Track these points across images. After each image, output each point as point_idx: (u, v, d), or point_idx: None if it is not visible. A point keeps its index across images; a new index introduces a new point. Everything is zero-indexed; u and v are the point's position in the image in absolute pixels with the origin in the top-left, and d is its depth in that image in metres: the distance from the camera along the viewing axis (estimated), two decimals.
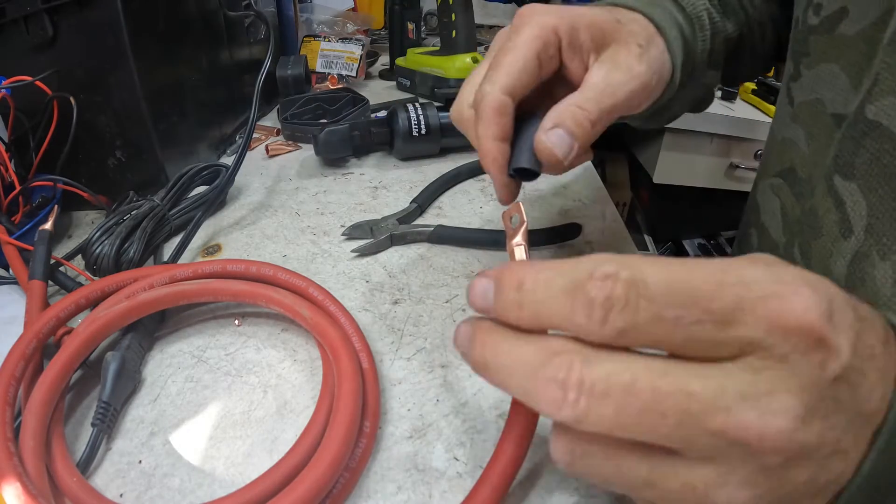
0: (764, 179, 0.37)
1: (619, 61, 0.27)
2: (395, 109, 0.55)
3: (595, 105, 0.26)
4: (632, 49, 0.27)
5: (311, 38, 0.82)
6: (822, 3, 0.29)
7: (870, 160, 0.25)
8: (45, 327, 0.29)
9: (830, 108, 0.29)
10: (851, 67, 0.27)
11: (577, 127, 0.25)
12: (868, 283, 0.25)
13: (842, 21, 0.28)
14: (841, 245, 0.27)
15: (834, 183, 0.27)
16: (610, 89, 0.26)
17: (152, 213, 0.40)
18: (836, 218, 0.27)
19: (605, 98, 0.26)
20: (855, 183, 0.26)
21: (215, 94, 0.58)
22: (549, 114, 0.26)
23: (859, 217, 0.26)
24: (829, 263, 0.28)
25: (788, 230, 0.33)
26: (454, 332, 0.19)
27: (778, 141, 0.35)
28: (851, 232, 0.26)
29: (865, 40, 0.26)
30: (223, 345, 0.33)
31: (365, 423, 0.26)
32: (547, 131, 0.25)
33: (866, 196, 0.25)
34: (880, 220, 0.25)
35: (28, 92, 0.39)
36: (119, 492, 0.25)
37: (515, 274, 0.17)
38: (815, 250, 0.29)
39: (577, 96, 0.26)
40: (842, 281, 0.27)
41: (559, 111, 0.26)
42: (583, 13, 0.28)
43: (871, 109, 0.25)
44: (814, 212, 0.29)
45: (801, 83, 0.32)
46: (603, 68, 0.27)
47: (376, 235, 0.42)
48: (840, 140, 0.27)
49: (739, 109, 1.14)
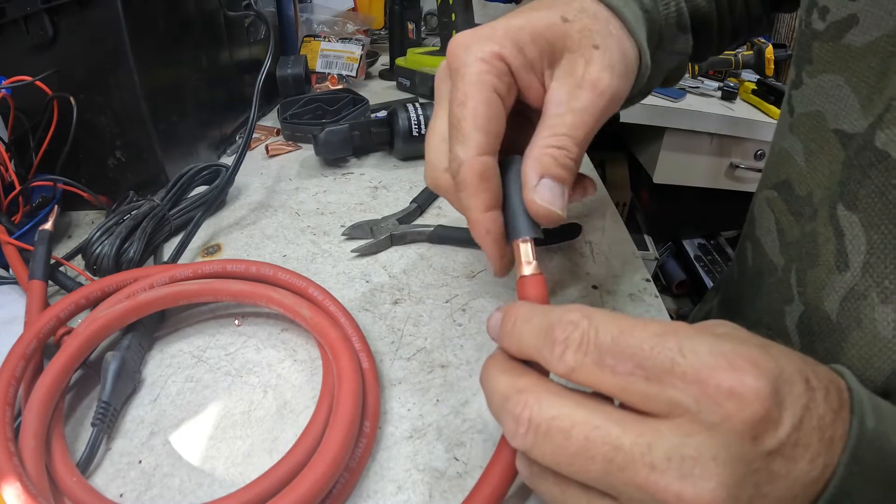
0: (761, 191, 0.36)
1: (578, 77, 0.24)
2: (395, 109, 0.55)
3: (571, 141, 0.23)
4: (588, 55, 0.24)
5: (311, 38, 0.82)
6: (828, 7, 0.27)
7: (874, 193, 0.23)
8: (45, 327, 0.29)
9: (833, 123, 0.27)
10: (859, 83, 0.25)
11: (563, 170, 0.23)
12: (866, 324, 0.24)
13: (850, 29, 0.25)
14: (835, 278, 0.26)
15: (837, 211, 0.26)
16: (580, 118, 0.23)
17: (152, 213, 0.40)
18: (833, 248, 0.26)
19: (578, 129, 0.23)
20: (857, 215, 0.24)
21: (215, 94, 0.58)
22: (528, 163, 0.23)
23: (857, 252, 0.24)
24: (822, 295, 0.27)
25: (787, 252, 0.31)
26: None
27: (776, 150, 0.33)
28: (847, 267, 0.25)
29: (877, 54, 0.24)
30: (223, 345, 0.33)
31: (365, 423, 0.26)
32: (535, 189, 0.23)
33: (867, 231, 0.24)
34: (881, 261, 0.23)
35: (28, 92, 0.39)
36: (119, 492, 0.25)
37: (514, 312, 0.20)
38: (811, 279, 0.28)
39: (548, 133, 0.23)
40: (833, 316, 0.26)
41: (537, 158, 0.23)
42: (521, 25, 0.24)
43: (881, 138, 0.23)
44: (813, 237, 0.28)
45: (802, 92, 0.30)
46: (563, 90, 0.24)
47: (376, 235, 0.42)
48: (846, 165, 0.25)
49: (739, 109, 1.14)
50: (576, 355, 0.17)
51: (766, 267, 0.33)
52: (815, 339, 0.28)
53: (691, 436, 0.15)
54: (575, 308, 0.18)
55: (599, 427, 0.16)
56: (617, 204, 1.31)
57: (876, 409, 0.17)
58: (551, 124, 0.24)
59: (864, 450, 0.16)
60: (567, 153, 0.23)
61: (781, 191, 0.32)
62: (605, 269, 0.40)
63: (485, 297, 0.37)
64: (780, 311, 0.31)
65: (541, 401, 0.17)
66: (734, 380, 0.15)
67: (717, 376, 0.15)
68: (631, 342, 0.16)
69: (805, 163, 0.29)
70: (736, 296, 0.39)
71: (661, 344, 0.16)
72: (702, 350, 0.16)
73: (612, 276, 0.39)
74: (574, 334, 0.17)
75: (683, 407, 0.15)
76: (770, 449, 0.15)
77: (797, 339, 0.29)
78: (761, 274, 0.34)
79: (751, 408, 0.15)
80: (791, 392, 0.16)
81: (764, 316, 0.33)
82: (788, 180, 0.31)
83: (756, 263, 0.35)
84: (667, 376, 0.16)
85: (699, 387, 0.15)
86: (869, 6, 0.24)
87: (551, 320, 0.18)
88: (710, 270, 1.32)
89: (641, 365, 0.16)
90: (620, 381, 0.16)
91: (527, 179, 0.23)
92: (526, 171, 0.23)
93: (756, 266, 0.35)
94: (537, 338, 0.18)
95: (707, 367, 0.15)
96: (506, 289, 0.37)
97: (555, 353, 0.18)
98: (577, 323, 0.18)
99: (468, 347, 0.33)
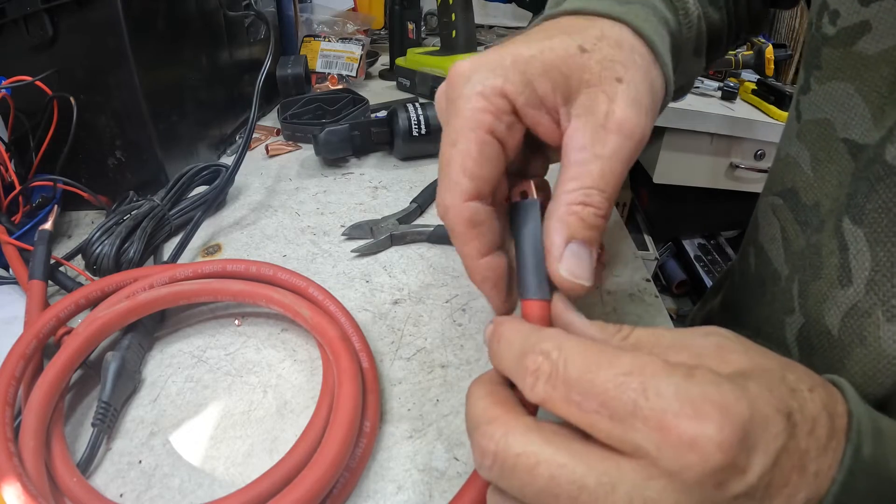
0: (766, 196, 0.35)
1: (601, 116, 0.21)
2: (395, 109, 0.55)
3: (600, 195, 0.20)
4: (611, 91, 0.21)
5: (311, 38, 0.82)
6: (839, 12, 0.25)
7: (881, 208, 0.23)
8: (45, 327, 0.29)
9: (842, 132, 0.26)
10: (871, 92, 0.24)
11: (592, 231, 0.20)
12: (870, 341, 0.24)
13: (862, 36, 0.24)
14: (837, 293, 0.25)
15: (843, 224, 0.25)
16: (608, 166, 0.20)
17: (152, 213, 0.40)
18: (836, 262, 0.25)
19: (607, 179, 0.20)
20: (862, 230, 0.24)
21: (215, 94, 0.58)
22: (551, 225, 0.20)
23: (861, 268, 0.24)
24: (823, 309, 0.26)
25: (791, 262, 0.30)
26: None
27: (782, 156, 0.33)
28: (850, 282, 0.24)
29: (890, 64, 0.23)
30: (223, 345, 0.33)
31: (365, 423, 0.26)
32: (560, 259, 0.20)
33: (872, 247, 0.23)
34: (887, 278, 0.23)
35: (28, 92, 0.39)
36: (119, 492, 0.25)
37: (500, 332, 0.20)
38: (812, 292, 0.27)
39: (573, 187, 0.20)
40: (834, 331, 0.25)
41: (562, 220, 0.20)
42: (532, 55, 0.21)
43: (892, 152, 0.22)
44: (818, 249, 0.27)
45: (810, 98, 0.29)
46: (585, 132, 0.21)
47: (376, 235, 0.42)
48: (856, 176, 0.25)
49: (739, 109, 1.14)
50: (545, 387, 0.17)
51: (770, 275, 0.33)
52: (814, 353, 0.27)
53: (653, 479, 0.15)
54: (550, 335, 0.18)
55: (565, 466, 0.16)
56: (617, 204, 1.31)
57: (876, 434, 0.17)
58: (575, 175, 0.20)
59: (857, 479, 0.16)
60: (596, 211, 0.20)
61: (787, 198, 0.31)
62: (606, 270, 0.39)
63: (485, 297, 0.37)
64: (780, 322, 0.30)
65: (508, 436, 0.17)
66: (696, 429, 0.15)
67: (679, 425, 0.15)
68: (597, 381, 0.16)
69: (812, 171, 0.29)
70: (736, 301, 0.39)
71: (625, 384, 0.16)
72: (667, 393, 0.15)
73: (612, 276, 0.39)
74: (544, 366, 0.17)
75: (645, 450, 0.15)
76: (736, 493, 0.15)
77: (797, 351, 0.29)
78: (763, 282, 0.34)
79: (712, 459, 0.14)
80: (764, 435, 0.15)
81: (764, 325, 0.32)
82: (795, 188, 0.30)
83: (759, 271, 0.35)
84: (629, 418, 0.15)
85: (660, 434, 0.15)
86: (882, 13, 0.23)
87: (525, 348, 0.18)
88: (710, 270, 1.32)
89: (606, 405, 0.16)
90: (586, 418, 0.16)
91: (551, 246, 0.20)
92: (550, 235, 0.20)
93: (759, 273, 0.34)
94: (514, 364, 0.19)
95: (670, 413, 0.15)
96: None
97: (527, 383, 0.18)
98: (548, 353, 0.17)
99: (468, 347, 0.33)
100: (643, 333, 0.19)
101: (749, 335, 0.19)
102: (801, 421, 0.16)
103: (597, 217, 0.20)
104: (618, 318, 0.35)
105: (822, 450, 0.16)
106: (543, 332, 0.19)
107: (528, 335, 0.19)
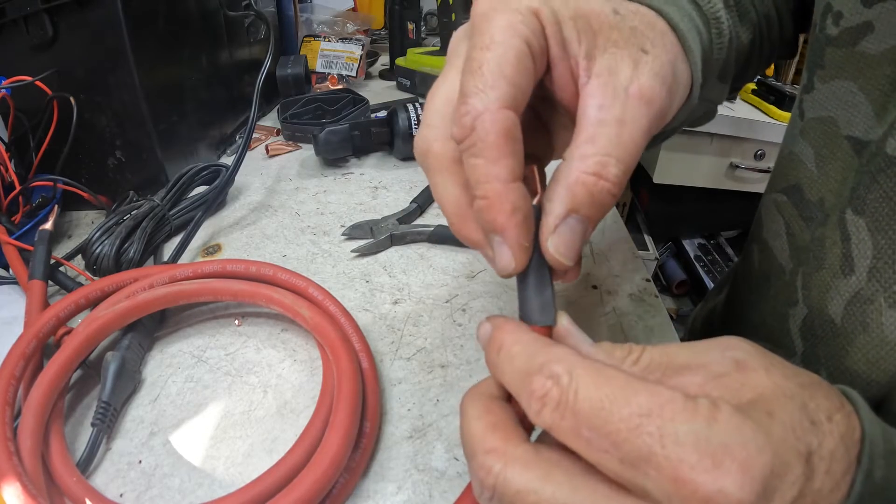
0: (770, 193, 0.35)
1: (624, 79, 0.19)
2: (395, 109, 0.55)
3: (617, 165, 0.18)
4: (636, 57, 0.19)
5: (311, 38, 0.82)
6: (842, 13, 0.26)
7: (882, 198, 0.23)
8: (45, 327, 0.29)
9: (845, 129, 0.27)
10: (873, 90, 0.25)
11: (597, 210, 0.19)
12: (873, 328, 0.24)
13: (865, 36, 0.25)
14: (839, 282, 0.26)
15: (845, 215, 0.25)
16: (628, 133, 0.18)
17: (152, 213, 0.40)
18: (839, 252, 0.26)
19: (626, 147, 0.18)
20: (864, 220, 0.24)
21: (215, 94, 0.58)
22: (556, 189, 0.19)
23: (863, 257, 0.24)
24: (826, 299, 0.27)
25: (796, 256, 0.31)
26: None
27: (786, 154, 0.33)
28: (852, 271, 0.25)
29: (892, 62, 0.24)
30: (223, 345, 0.33)
31: (365, 423, 0.26)
32: (555, 230, 0.18)
33: (873, 236, 0.24)
34: (889, 265, 0.23)
35: (28, 92, 0.39)
36: (119, 492, 0.25)
37: (499, 339, 0.19)
38: (815, 283, 0.28)
39: (590, 151, 0.18)
40: (837, 320, 0.26)
41: (571, 186, 0.18)
42: (564, 1, 0.20)
43: (893, 144, 0.23)
44: (821, 242, 0.27)
45: (813, 97, 0.29)
46: (606, 91, 0.19)
47: (376, 235, 0.42)
48: (859, 172, 0.25)
49: (739, 109, 1.14)
50: (552, 416, 0.16)
51: (774, 270, 0.33)
52: (818, 343, 0.28)
53: None
54: (560, 357, 0.17)
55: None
56: (617, 204, 1.31)
57: (889, 454, 0.16)
58: (592, 136, 0.18)
59: (867, 502, 0.15)
60: (609, 188, 0.18)
61: (791, 195, 0.31)
62: (605, 269, 0.40)
63: (485, 297, 0.37)
64: (783, 315, 0.30)
65: (507, 470, 0.16)
66: (715, 485, 0.14)
67: (695, 479, 0.14)
68: (611, 420, 0.15)
69: (816, 168, 0.29)
70: (740, 298, 0.39)
71: (641, 427, 0.15)
72: (686, 441, 0.14)
73: (612, 276, 0.39)
74: (553, 392, 0.16)
75: (654, 498, 0.15)
76: None
77: (800, 342, 0.29)
78: (768, 277, 0.34)
79: None
80: (783, 484, 0.14)
81: (767, 318, 0.33)
82: (799, 185, 0.31)
83: (763, 266, 0.35)
84: (642, 464, 0.14)
85: (674, 485, 0.14)
86: (885, 14, 0.24)
87: (531, 368, 0.17)
88: (710, 270, 1.32)
89: (618, 447, 0.15)
90: (595, 455, 0.15)
91: (548, 214, 0.19)
92: (552, 199, 0.19)
93: (763, 269, 0.35)
94: (517, 381, 0.17)
95: (686, 466, 0.14)
96: (505, 289, 0.37)
97: (532, 408, 0.17)
98: (557, 378, 0.16)
99: (468, 347, 0.33)
100: (655, 354, 0.17)
101: (752, 330, 0.18)
102: (818, 461, 0.15)
103: (608, 195, 0.18)
104: (618, 318, 0.35)
105: (836, 485, 0.16)
106: (552, 352, 0.17)
107: (535, 352, 0.17)
